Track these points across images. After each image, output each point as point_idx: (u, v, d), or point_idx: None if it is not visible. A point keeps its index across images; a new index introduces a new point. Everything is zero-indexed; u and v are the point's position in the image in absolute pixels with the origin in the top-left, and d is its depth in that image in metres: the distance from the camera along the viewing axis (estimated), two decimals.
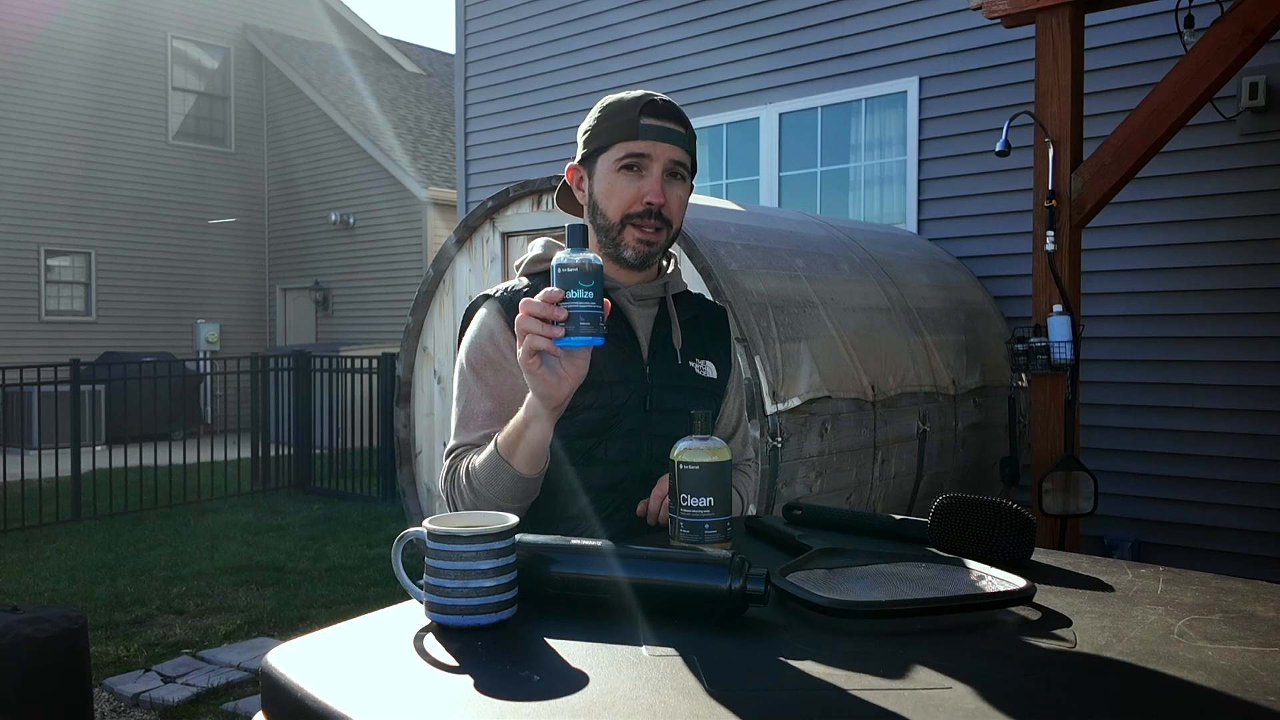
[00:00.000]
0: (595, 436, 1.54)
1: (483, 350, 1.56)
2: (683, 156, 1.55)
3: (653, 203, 1.52)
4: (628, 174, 1.53)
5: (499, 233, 4.47)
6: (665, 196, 1.53)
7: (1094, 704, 0.83)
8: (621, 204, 1.53)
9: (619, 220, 1.54)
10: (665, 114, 1.53)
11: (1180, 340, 5.00)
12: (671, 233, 1.58)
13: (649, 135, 1.51)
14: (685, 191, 1.58)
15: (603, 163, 1.55)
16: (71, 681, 2.80)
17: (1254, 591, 1.17)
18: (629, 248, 1.55)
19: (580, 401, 1.52)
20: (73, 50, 14.03)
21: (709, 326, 1.70)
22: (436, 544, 1.05)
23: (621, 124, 1.53)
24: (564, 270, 1.26)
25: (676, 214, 1.56)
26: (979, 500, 1.32)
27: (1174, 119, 3.56)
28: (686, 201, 1.59)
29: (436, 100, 16.86)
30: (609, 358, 1.55)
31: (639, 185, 1.52)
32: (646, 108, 1.52)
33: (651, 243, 1.55)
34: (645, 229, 1.53)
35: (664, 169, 1.53)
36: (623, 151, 1.53)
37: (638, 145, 1.52)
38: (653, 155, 1.52)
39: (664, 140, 1.52)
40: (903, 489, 4.14)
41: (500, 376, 1.54)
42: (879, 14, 6.07)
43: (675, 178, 1.55)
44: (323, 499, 8.49)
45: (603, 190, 1.55)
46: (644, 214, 1.52)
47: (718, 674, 0.89)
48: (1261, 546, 4.75)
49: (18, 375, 9.09)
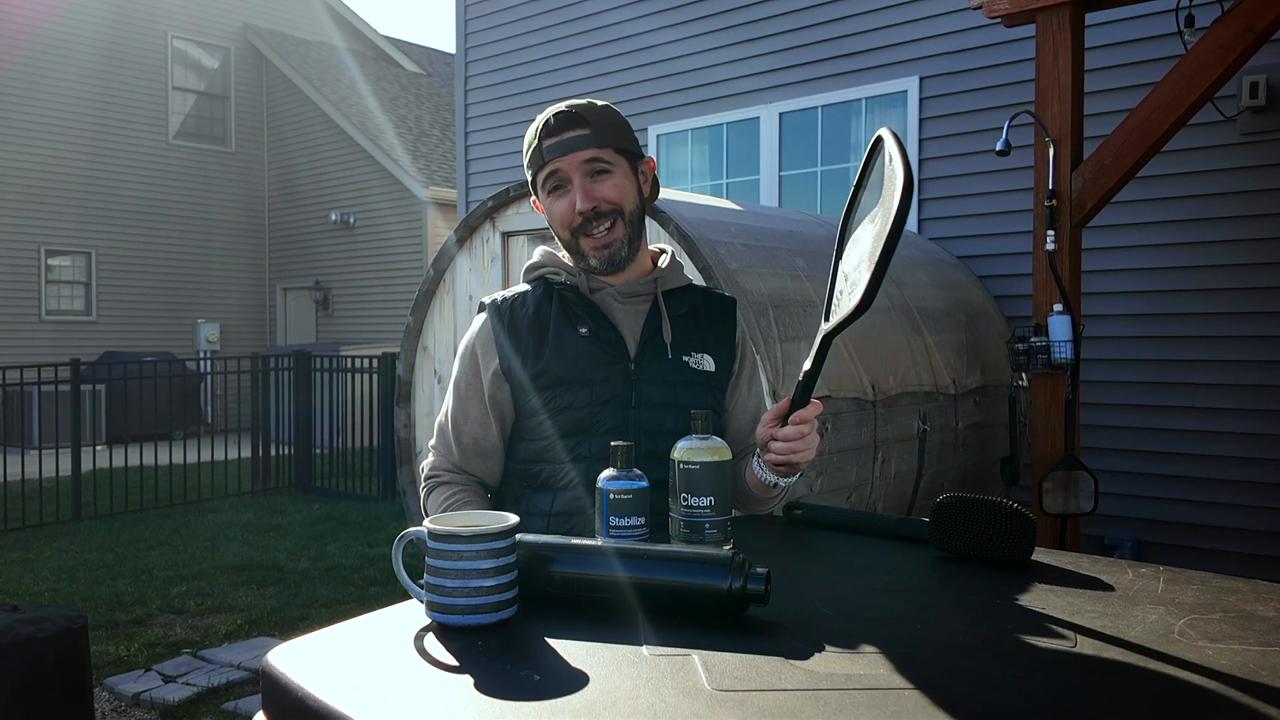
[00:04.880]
0: (579, 434, 1.58)
1: (464, 359, 1.68)
2: (595, 153, 1.59)
3: (583, 211, 1.58)
4: (556, 196, 1.62)
5: (499, 232, 4.47)
6: (595, 196, 1.59)
7: (1094, 704, 0.83)
8: (564, 224, 1.62)
9: (571, 237, 1.62)
10: (561, 126, 1.59)
11: (1180, 340, 5.00)
12: (626, 217, 1.62)
13: (553, 155, 1.59)
14: (622, 176, 1.62)
15: (540, 192, 1.65)
16: (72, 681, 2.80)
17: (1254, 591, 1.17)
18: (590, 256, 1.62)
19: (562, 401, 1.59)
20: (73, 50, 14.03)
21: (710, 319, 1.71)
22: (437, 544, 1.05)
23: (533, 155, 1.62)
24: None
25: (619, 199, 1.61)
26: (979, 500, 1.32)
27: (1174, 118, 3.56)
28: (630, 183, 1.63)
29: (436, 100, 16.86)
30: (591, 356, 1.60)
31: (568, 201, 1.60)
32: (544, 130, 1.60)
33: (608, 244, 1.61)
34: (594, 234, 1.60)
35: (581, 175, 1.59)
36: (542, 179, 1.62)
37: (548, 168, 1.60)
38: (564, 169, 1.59)
39: (568, 153, 1.58)
40: (903, 489, 4.14)
41: (471, 386, 1.66)
42: (879, 14, 6.06)
43: (599, 174, 1.60)
44: (323, 499, 8.50)
45: (549, 217, 1.66)
46: (583, 224, 1.59)
47: (718, 673, 0.89)
48: (1261, 546, 4.75)
49: (18, 375, 9.09)
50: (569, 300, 1.64)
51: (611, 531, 1.28)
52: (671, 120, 7.06)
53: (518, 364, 1.61)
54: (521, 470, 1.64)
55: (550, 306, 1.64)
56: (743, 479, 1.57)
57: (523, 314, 1.65)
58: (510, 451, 1.67)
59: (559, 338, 1.61)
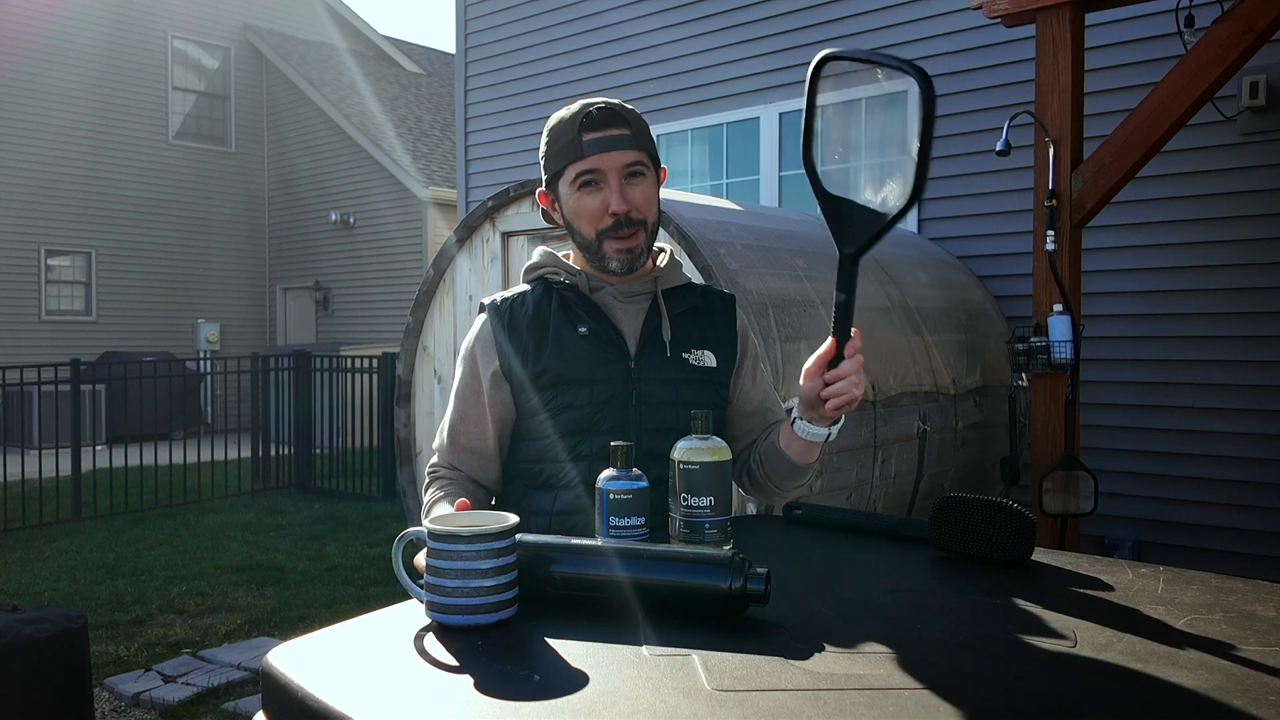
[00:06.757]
0: (580, 433, 1.58)
1: (465, 361, 1.68)
2: (635, 156, 1.58)
3: (618, 213, 1.56)
4: (587, 192, 1.58)
5: (499, 232, 4.46)
6: (630, 201, 1.57)
7: (1094, 704, 0.83)
8: (591, 222, 1.59)
9: (595, 237, 1.60)
10: (604, 123, 1.56)
11: (1180, 340, 5.00)
12: (649, 229, 1.62)
13: (594, 150, 1.55)
14: (651, 184, 1.61)
15: (563, 186, 1.61)
16: (71, 681, 2.80)
17: (1254, 591, 1.17)
18: (612, 259, 1.61)
19: (562, 400, 1.59)
20: (73, 50, 14.03)
21: (710, 316, 1.71)
22: (437, 544, 1.05)
23: (567, 146, 1.58)
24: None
25: (647, 210, 1.60)
26: (979, 500, 1.32)
27: (1174, 119, 3.56)
28: (655, 193, 1.63)
29: (436, 100, 16.86)
30: (591, 355, 1.60)
31: (601, 200, 1.57)
32: (584, 123, 1.56)
33: (631, 249, 1.60)
34: (621, 237, 1.59)
35: (619, 176, 1.57)
36: (575, 173, 1.58)
37: (586, 163, 1.56)
38: (603, 168, 1.56)
39: (610, 150, 1.56)
40: (903, 489, 4.14)
41: (470, 389, 1.66)
42: (879, 14, 6.06)
43: (635, 176, 1.58)
44: (323, 498, 8.50)
45: (571, 212, 1.61)
46: (614, 226, 1.57)
47: (718, 673, 0.89)
48: (1261, 546, 4.75)
49: (18, 375, 9.09)
50: (569, 300, 1.64)
51: (611, 531, 1.28)
52: (671, 120, 7.06)
53: (518, 364, 1.62)
54: (523, 470, 1.65)
55: (550, 306, 1.64)
56: (782, 455, 1.56)
57: (522, 314, 1.65)
58: (512, 451, 1.68)
59: (559, 337, 1.61)
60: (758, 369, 1.76)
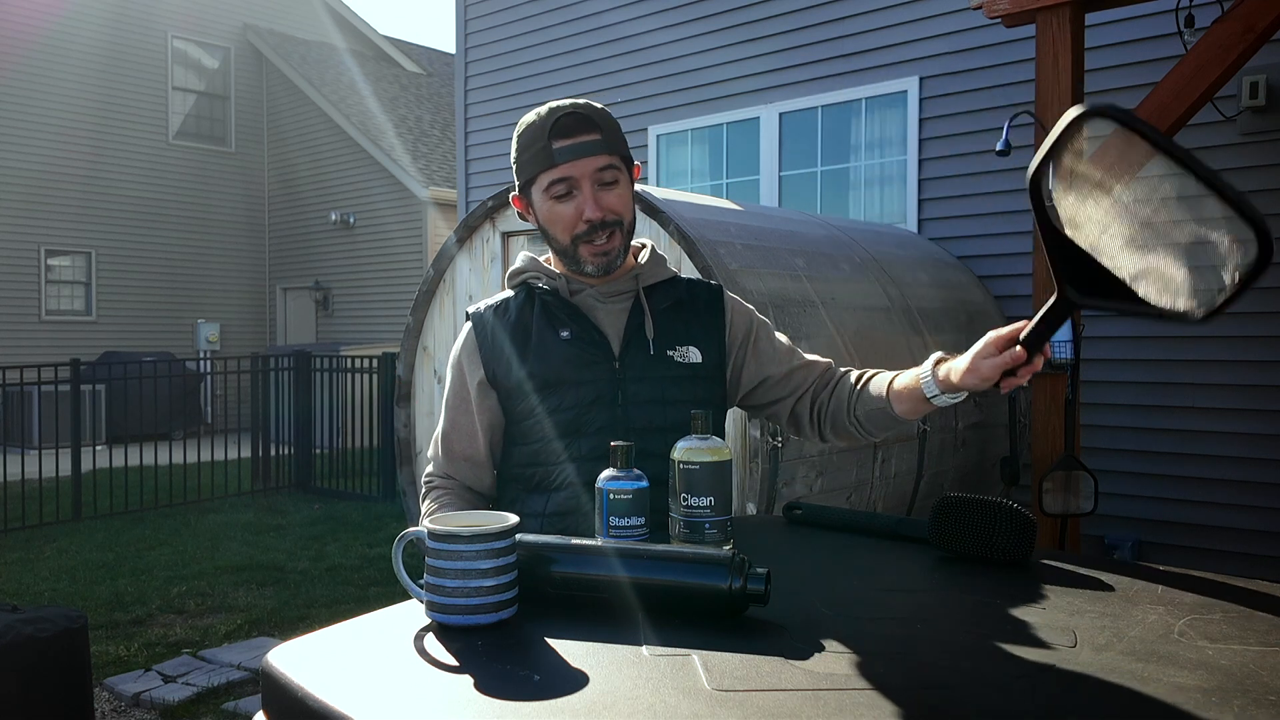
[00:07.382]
0: (569, 436, 1.59)
1: (453, 370, 1.69)
2: (606, 160, 1.57)
3: (591, 219, 1.56)
4: (561, 200, 1.58)
5: (499, 232, 4.46)
6: (604, 206, 1.56)
7: (1094, 704, 0.83)
8: (565, 228, 1.58)
9: (570, 242, 1.59)
10: (574, 129, 1.55)
11: (1180, 340, 5.00)
12: (625, 228, 1.62)
13: (565, 158, 1.55)
14: (625, 186, 1.61)
15: (536, 193, 1.60)
16: (71, 681, 2.80)
17: (1254, 592, 1.17)
18: (588, 263, 1.60)
19: (549, 404, 1.60)
20: (73, 50, 14.03)
21: (695, 311, 1.70)
22: (437, 544, 1.05)
23: (538, 154, 1.57)
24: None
25: (623, 210, 1.60)
26: (979, 500, 1.32)
27: (1174, 119, 3.55)
28: (630, 193, 1.63)
29: (436, 100, 16.86)
30: (575, 358, 1.61)
31: (575, 207, 1.57)
32: (554, 130, 1.55)
33: (607, 252, 1.60)
34: (597, 241, 1.58)
35: (592, 183, 1.56)
36: (547, 180, 1.57)
37: (558, 171, 1.56)
38: (576, 175, 1.55)
39: (581, 157, 1.55)
40: (903, 489, 4.14)
41: (459, 397, 1.67)
42: (879, 14, 6.06)
43: (608, 183, 1.58)
44: (323, 499, 8.49)
45: (545, 218, 1.61)
46: (589, 231, 1.57)
47: (718, 673, 0.89)
48: (1261, 546, 4.75)
49: (18, 375, 9.08)
50: (550, 304, 1.64)
51: (611, 531, 1.29)
52: (671, 120, 7.06)
53: (502, 371, 1.63)
54: (516, 474, 1.66)
55: (532, 312, 1.65)
56: (884, 410, 1.54)
57: (505, 321, 1.65)
58: (505, 456, 1.68)
59: (541, 342, 1.61)
60: (772, 334, 1.74)
